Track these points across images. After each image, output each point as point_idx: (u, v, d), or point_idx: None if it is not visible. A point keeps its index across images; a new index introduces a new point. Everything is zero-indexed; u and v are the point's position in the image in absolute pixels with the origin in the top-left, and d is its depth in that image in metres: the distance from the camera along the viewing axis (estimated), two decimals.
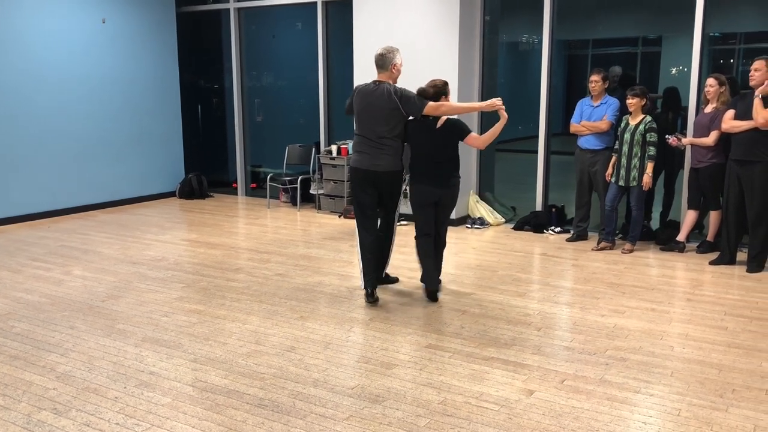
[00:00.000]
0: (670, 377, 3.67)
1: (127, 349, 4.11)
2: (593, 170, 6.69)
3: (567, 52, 8.86)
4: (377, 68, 4.93)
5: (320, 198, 8.62)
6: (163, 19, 9.42)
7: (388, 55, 4.88)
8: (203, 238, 7.14)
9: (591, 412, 3.28)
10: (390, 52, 4.90)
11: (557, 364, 3.85)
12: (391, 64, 4.88)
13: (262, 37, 10.07)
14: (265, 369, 3.80)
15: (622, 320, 4.59)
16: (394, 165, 4.90)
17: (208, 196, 9.82)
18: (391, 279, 5.44)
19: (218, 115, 10.34)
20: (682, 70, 7.04)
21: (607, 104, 6.61)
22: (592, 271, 5.81)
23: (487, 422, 3.17)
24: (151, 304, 4.98)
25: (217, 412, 3.29)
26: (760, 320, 4.58)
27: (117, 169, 9.03)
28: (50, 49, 8.10)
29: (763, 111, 5.46)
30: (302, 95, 9.63)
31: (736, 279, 5.58)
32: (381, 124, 4.83)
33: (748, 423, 3.17)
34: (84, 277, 5.71)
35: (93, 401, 3.42)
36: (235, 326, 4.49)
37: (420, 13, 7.57)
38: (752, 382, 3.62)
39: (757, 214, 5.67)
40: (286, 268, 5.93)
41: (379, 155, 4.86)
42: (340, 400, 3.41)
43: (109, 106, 8.84)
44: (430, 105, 4.74)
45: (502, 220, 7.81)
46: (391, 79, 4.92)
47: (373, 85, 4.90)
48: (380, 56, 4.90)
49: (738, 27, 7.63)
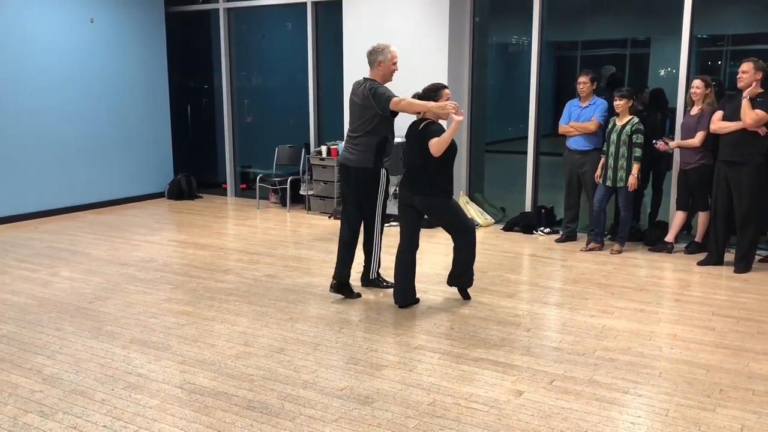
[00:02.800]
0: (658, 378, 3.69)
1: (114, 351, 4.08)
2: (582, 171, 6.72)
3: (556, 53, 8.88)
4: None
5: (310, 199, 8.61)
6: (152, 19, 9.38)
7: (371, 55, 4.93)
8: (192, 239, 7.10)
9: (580, 412, 3.29)
10: (374, 51, 4.92)
11: (546, 365, 3.85)
12: (375, 62, 4.90)
13: (252, 38, 10.04)
14: (254, 370, 3.78)
15: (611, 321, 4.60)
16: (365, 161, 4.89)
17: (197, 197, 9.78)
18: (382, 283, 5.32)
19: (208, 115, 10.30)
20: (670, 71, 7.08)
21: (596, 105, 6.64)
22: (581, 272, 5.83)
23: (477, 423, 3.17)
24: (140, 305, 4.95)
25: (206, 414, 3.27)
26: (747, 320, 4.61)
27: (105, 170, 8.98)
28: (38, 50, 8.04)
29: (750, 112, 5.49)
30: (292, 96, 9.61)
31: (723, 279, 5.61)
32: (355, 119, 4.93)
33: (735, 423, 3.18)
34: (71, 278, 5.67)
35: (80, 403, 3.39)
36: (224, 328, 4.47)
37: (409, 14, 7.57)
38: (739, 382, 3.64)
39: (745, 214, 5.70)
40: (276, 269, 5.91)
41: (351, 149, 4.95)
42: (329, 402, 3.40)
43: (97, 107, 8.79)
44: (393, 100, 4.73)
45: (491, 221, 7.83)
46: (378, 77, 4.92)
47: (361, 81, 4.96)
48: (367, 54, 4.97)
49: (726, 29, 7.68)
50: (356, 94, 4.93)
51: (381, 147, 4.90)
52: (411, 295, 4.92)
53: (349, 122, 5.02)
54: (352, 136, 4.96)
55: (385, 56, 4.89)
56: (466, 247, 4.87)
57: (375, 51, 4.92)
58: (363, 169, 4.92)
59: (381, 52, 4.90)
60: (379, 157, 4.92)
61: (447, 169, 4.74)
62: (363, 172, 4.93)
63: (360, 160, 4.90)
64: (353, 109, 4.97)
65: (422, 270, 5.95)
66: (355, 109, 4.94)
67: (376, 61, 4.91)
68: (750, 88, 5.53)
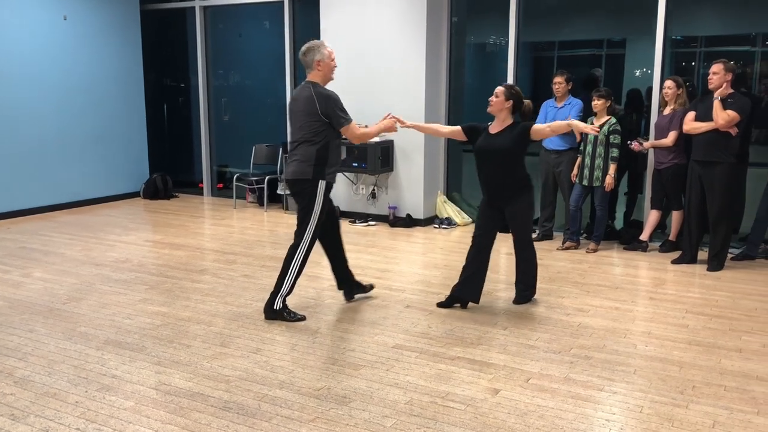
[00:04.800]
0: (633, 375, 3.73)
1: (88, 353, 4.02)
2: (558, 170, 6.77)
3: (533, 53, 8.93)
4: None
5: (287, 198, 8.57)
6: (127, 17, 9.28)
7: (307, 55, 4.45)
8: (168, 239, 7.04)
9: (555, 410, 3.31)
10: (309, 50, 4.43)
11: (523, 363, 3.88)
12: (313, 62, 4.42)
13: (229, 36, 9.97)
14: (230, 371, 3.76)
15: (587, 319, 4.64)
16: (301, 173, 4.42)
17: (173, 197, 9.69)
18: (289, 314, 4.59)
19: (184, 114, 10.21)
20: (645, 72, 7.16)
21: (571, 105, 6.69)
22: (557, 271, 5.87)
23: (453, 422, 3.18)
24: (114, 306, 4.89)
25: (181, 416, 3.24)
26: (720, 318, 4.68)
27: (79, 169, 8.86)
28: (9, 46, 7.91)
29: (722, 113, 5.57)
30: (269, 95, 9.57)
31: (697, 277, 5.69)
32: (296, 128, 4.48)
33: (707, 419, 3.23)
34: (44, 279, 5.59)
35: (52, 406, 3.34)
36: (200, 328, 4.44)
37: (387, 13, 7.57)
38: (712, 378, 3.69)
39: (718, 213, 5.79)
40: (253, 269, 5.87)
41: (289, 160, 4.52)
42: (305, 402, 3.38)
43: (70, 105, 8.67)
44: (352, 130, 4.43)
45: (469, 220, 7.85)
46: (319, 78, 4.45)
47: (304, 86, 4.49)
48: (301, 55, 4.48)
49: (699, 30, 7.77)
50: (298, 101, 4.45)
51: (321, 156, 4.40)
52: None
53: (290, 132, 4.61)
54: (293, 146, 4.49)
55: (323, 54, 4.41)
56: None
57: (310, 50, 4.42)
58: (299, 181, 4.44)
59: (317, 50, 4.40)
60: (318, 167, 4.40)
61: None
62: (298, 185, 4.46)
63: (296, 171, 4.42)
64: (293, 117, 4.48)
65: (400, 269, 5.96)
66: (296, 117, 4.45)
67: (314, 61, 4.40)
68: (720, 89, 5.61)
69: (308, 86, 4.44)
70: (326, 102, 4.36)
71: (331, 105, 4.36)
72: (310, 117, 4.38)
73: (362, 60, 7.71)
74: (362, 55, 7.71)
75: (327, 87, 4.48)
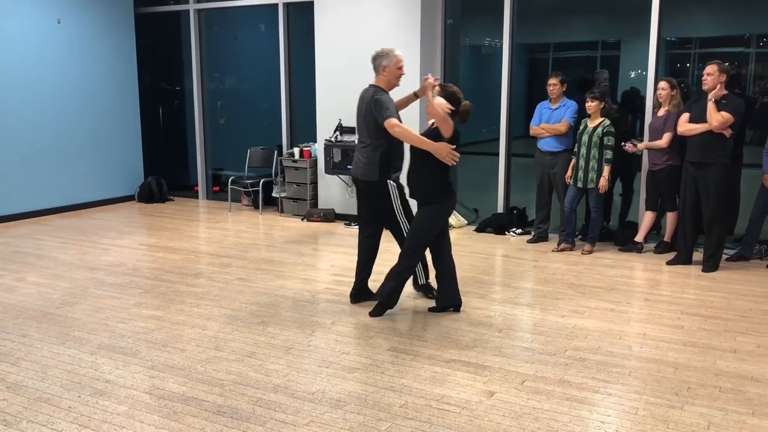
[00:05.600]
0: (628, 376, 3.72)
1: (82, 357, 4.01)
2: (553, 172, 6.77)
3: (528, 55, 8.94)
4: None
5: (283, 201, 8.56)
6: (121, 20, 9.26)
7: (375, 60, 4.70)
8: (163, 243, 7.02)
9: (551, 412, 3.30)
10: (378, 55, 4.68)
11: (518, 365, 3.87)
12: (380, 67, 4.66)
13: (224, 39, 9.96)
14: (224, 375, 3.74)
15: (582, 320, 4.64)
16: (369, 174, 4.69)
17: (168, 200, 9.66)
18: (430, 291, 5.09)
19: (179, 117, 10.19)
20: (640, 73, 7.17)
21: (566, 107, 6.69)
22: (553, 272, 5.87)
23: (449, 425, 3.17)
24: (108, 310, 4.88)
25: (175, 420, 3.22)
26: (715, 319, 4.68)
27: (74, 173, 8.83)
28: (2, 50, 7.88)
29: (716, 114, 5.58)
30: (264, 97, 9.55)
31: (692, 279, 5.69)
32: (362, 130, 4.75)
33: (702, 420, 3.23)
34: (38, 283, 5.57)
35: (45, 411, 3.32)
36: (194, 332, 4.42)
37: (381, 16, 7.57)
38: (707, 379, 3.69)
39: (712, 215, 5.79)
40: (248, 273, 5.86)
41: (357, 161, 4.78)
42: (300, 406, 3.37)
43: (65, 109, 8.64)
44: (389, 121, 4.47)
45: (464, 222, 7.85)
46: (383, 83, 4.67)
47: (367, 89, 4.73)
48: (372, 59, 4.73)
49: (693, 32, 7.79)
50: (361, 102, 4.71)
51: (385, 160, 4.67)
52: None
53: (356, 128, 4.87)
54: (359, 147, 4.77)
55: (390, 60, 4.62)
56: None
57: (379, 56, 4.65)
58: (368, 182, 4.74)
59: (386, 56, 4.63)
60: (384, 169, 4.68)
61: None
62: (369, 186, 4.76)
63: (365, 173, 4.71)
64: (358, 119, 4.74)
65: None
66: (360, 119, 4.72)
67: (381, 66, 4.63)
68: (714, 91, 5.62)
69: (370, 89, 4.67)
70: (375, 104, 4.55)
71: (377, 107, 4.54)
72: (366, 119, 4.64)
73: (356, 62, 7.69)
74: (356, 58, 7.69)
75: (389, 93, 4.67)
